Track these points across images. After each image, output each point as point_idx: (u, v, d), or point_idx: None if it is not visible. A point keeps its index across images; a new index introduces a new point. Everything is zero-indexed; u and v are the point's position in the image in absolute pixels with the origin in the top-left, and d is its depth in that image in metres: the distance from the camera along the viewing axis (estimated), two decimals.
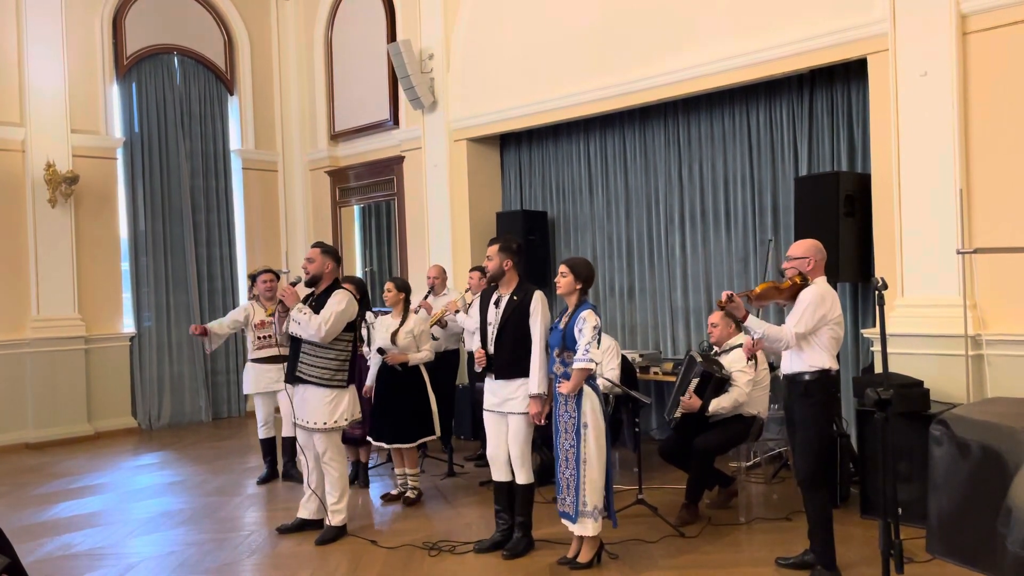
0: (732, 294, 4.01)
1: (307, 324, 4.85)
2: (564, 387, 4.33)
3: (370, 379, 5.97)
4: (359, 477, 6.41)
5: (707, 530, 5.05)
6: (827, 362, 4.13)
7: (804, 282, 4.18)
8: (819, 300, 4.08)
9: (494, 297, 4.75)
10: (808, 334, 4.09)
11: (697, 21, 6.70)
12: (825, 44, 5.98)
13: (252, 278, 6.67)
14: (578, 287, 4.41)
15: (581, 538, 4.44)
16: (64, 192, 8.62)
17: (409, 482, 5.91)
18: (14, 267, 8.55)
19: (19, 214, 8.58)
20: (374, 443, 5.95)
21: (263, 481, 6.62)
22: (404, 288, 6.03)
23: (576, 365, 4.27)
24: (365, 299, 6.16)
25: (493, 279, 4.71)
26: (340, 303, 4.93)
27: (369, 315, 6.07)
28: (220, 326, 6.48)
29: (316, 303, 5.00)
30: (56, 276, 8.71)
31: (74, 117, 8.90)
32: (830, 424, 4.51)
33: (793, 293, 4.18)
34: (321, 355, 4.96)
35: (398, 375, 5.78)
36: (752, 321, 4.09)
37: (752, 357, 5.17)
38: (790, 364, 4.21)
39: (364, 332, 5.95)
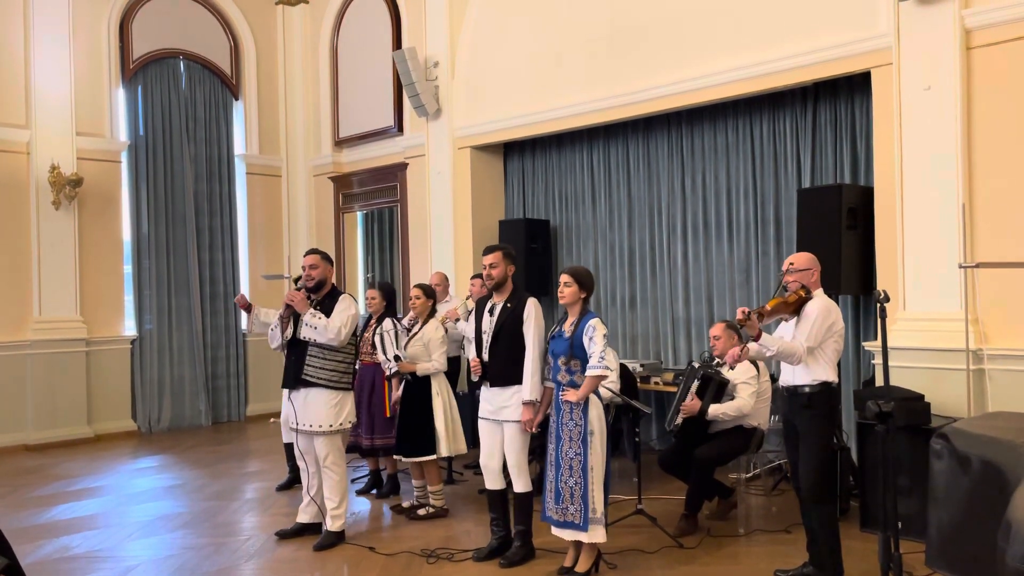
0: (750, 312, 3.97)
1: (324, 329, 4.92)
2: (572, 395, 4.31)
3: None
4: (386, 487, 6.35)
5: (706, 541, 5.04)
6: (830, 375, 4.14)
7: (808, 295, 4.17)
8: (826, 312, 4.10)
9: (488, 305, 4.77)
10: (817, 347, 4.09)
11: (701, 33, 6.72)
12: (829, 57, 5.99)
13: (296, 281, 6.55)
14: (582, 296, 4.41)
15: (579, 547, 4.43)
16: (68, 194, 8.65)
17: (430, 499, 5.72)
18: (17, 268, 8.56)
19: (23, 216, 8.59)
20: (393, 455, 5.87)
21: (284, 487, 6.53)
22: (431, 294, 5.90)
23: (591, 372, 4.25)
24: (391, 306, 6.07)
25: (498, 286, 4.72)
26: (350, 308, 5.04)
27: (387, 322, 5.84)
28: (265, 313, 6.27)
29: (321, 308, 5.04)
30: (58, 278, 8.72)
31: (79, 120, 8.93)
32: (832, 436, 4.50)
33: (798, 307, 4.17)
34: (331, 358, 5.02)
35: (409, 386, 5.67)
36: (766, 339, 4.07)
37: (732, 366, 5.14)
38: (792, 377, 4.20)
39: (378, 340, 5.78)
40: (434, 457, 5.66)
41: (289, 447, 6.50)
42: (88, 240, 8.99)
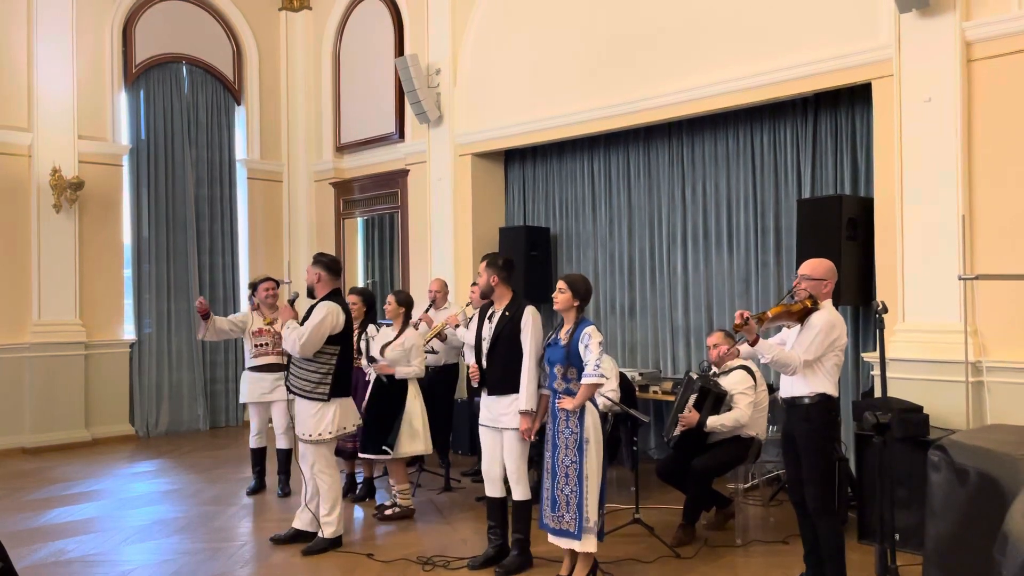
0: (748, 317, 3.91)
1: (287, 339, 4.96)
2: (568, 403, 4.30)
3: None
4: (351, 490, 6.40)
5: (703, 551, 5.02)
6: (828, 388, 4.07)
7: (814, 306, 4.08)
8: (830, 327, 4.02)
9: (489, 312, 4.78)
10: (815, 361, 4.04)
11: (703, 43, 6.73)
12: (830, 68, 6.00)
13: (253, 287, 6.65)
14: (576, 304, 4.40)
15: (574, 556, 4.42)
16: (69, 197, 8.65)
17: (398, 499, 5.84)
18: (17, 271, 8.56)
19: (24, 218, 8.60)
20: (360, 455, 5.93)
21: (252, 492, 6.59)
22: (404, 302, 6.01)
23: (586, 380, 4.25)
24: (372, 311, 6.19)
25: (484, 295, 4.75)
26: (318, 316, 4.96)
27: (371, 328, 6.03)
28: (222, 320, 6.41)
29: (310, 313, 5.07)
30: (58, 281, 8.72)
31: (81, 123, 8.95)
32: (833, 449, 4.43)
33: (802, 316, 4.09)
34: (304, 367, 5.03)
35: (384, 387, 5.75)
36: (763, 345, 4.01)
37: (729, 369, 5.15)
38: (791, 388, 4.17)
39: (363, 345, 5.91)
40: (387, 457, 5.76)
41: (257, 452, 6.67)
42: (88, 243, 8.99)
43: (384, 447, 5.66)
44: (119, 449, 8.65)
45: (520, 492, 4.66)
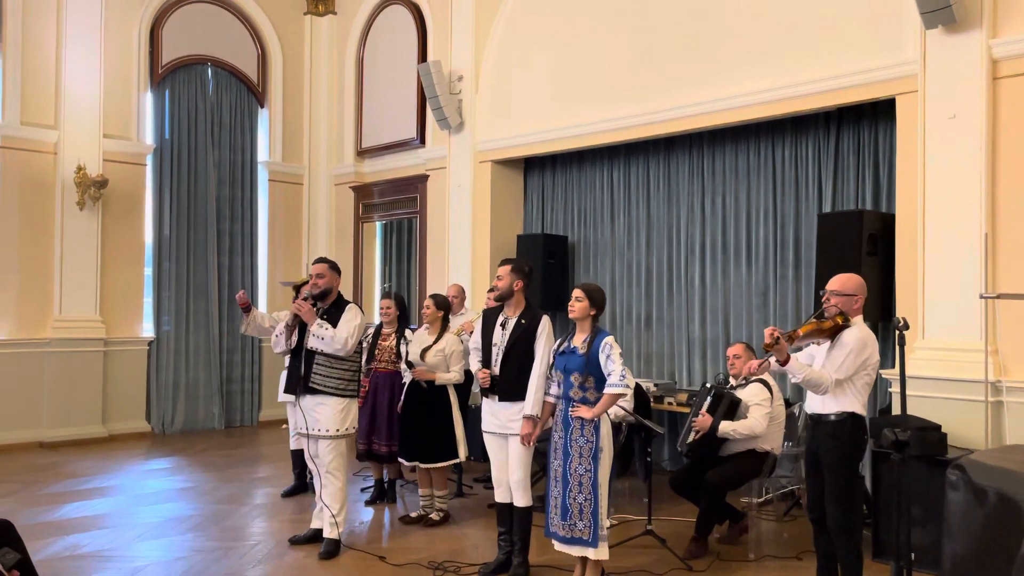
0: (779, 336, 3.83)
1: (332, 340, 4.99)
2: (586, 412, 4.29)
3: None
4: (387, 494, 6.42)
5: (715, 565, 4.99)
6: (857, 407, 4.01)
7: (845, 322, 4.00)
8: (862, 346, 3.95)
9: (500, 318, 4.77)
10: (846, 380, 3.98)
11: (726, 55, 6.73)
12: (854, 83, 5.98)
13: (297, 288, 6.60)
14: (592, 312, 4.40)
15: (585, 563, 4.40)
16: (93, 195, 8.75)
17: (436, 503, 5.83)
18: (40, 267, 8.66)
19: (48, 215, 8.70)
20: (403, 462, 5.90)
21: (288, 494, 6.56)
22: (443, 305, 5.99)
23: (611, 390, 4.25)
24: (404, 315, 6.22)
25: (501, 298, 4.74)
26: (356, 317, 5.11)
27: (408, 332, 6.02)
28: (262, 316, 6.36)
29: (327, 317, 5.09)
30: (80, 278, 8.81)
31: (107, 122, 9.05)
32: (857, 467, 4.36)
33: (833, 333, 4.02)
34: (338, 366, 5.08)
35: (424, 393, 5.72)
36: (794, 364, 3.93)
37: (746, 381, 5.12)
38: (818, 404, 4.10)
39: (403, 348, 5.86)
40: (455, 461, 5.82)
41: (296, 454, 6.56)
42: (110, 241, 9.08)
43: (456, 455, 5.78)
44: (135, 445, 8.72)
45: (522, 499, 4.65)
